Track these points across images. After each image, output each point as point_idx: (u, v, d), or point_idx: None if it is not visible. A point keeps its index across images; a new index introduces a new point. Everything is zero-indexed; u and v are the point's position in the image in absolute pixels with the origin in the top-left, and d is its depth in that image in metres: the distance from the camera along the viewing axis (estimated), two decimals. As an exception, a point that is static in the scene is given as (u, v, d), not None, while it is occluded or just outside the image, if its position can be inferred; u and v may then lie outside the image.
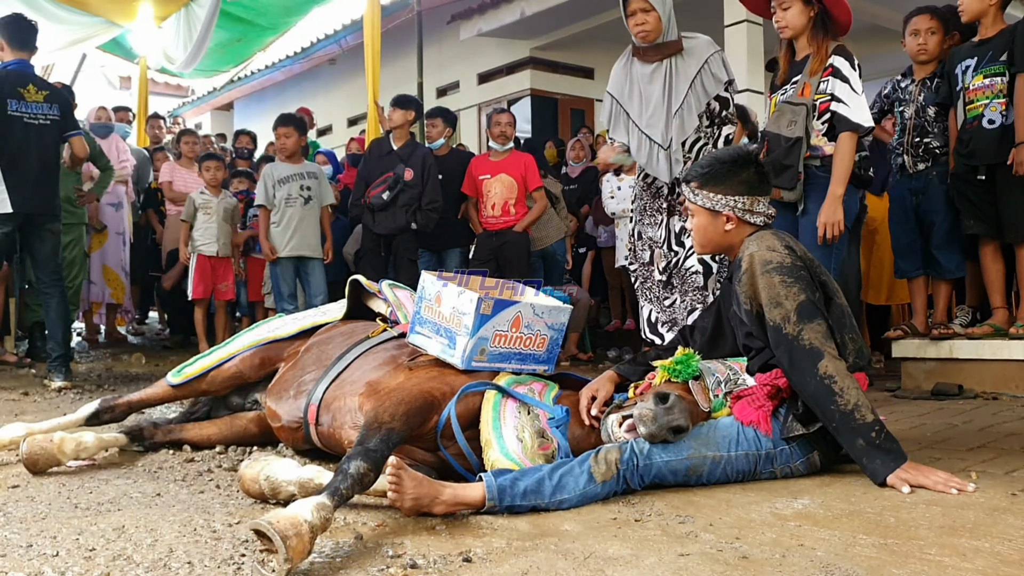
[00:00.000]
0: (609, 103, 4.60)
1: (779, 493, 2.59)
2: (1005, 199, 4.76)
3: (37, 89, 5.82)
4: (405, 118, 7.03)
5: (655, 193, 4.49)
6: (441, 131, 7.49)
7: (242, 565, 2.02)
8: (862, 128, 4.23)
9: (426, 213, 6.88)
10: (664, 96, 4.39)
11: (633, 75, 4.50)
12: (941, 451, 3.27)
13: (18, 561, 2.05)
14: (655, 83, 4.42)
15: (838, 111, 4.23)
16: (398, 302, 3.55)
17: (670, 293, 4.45)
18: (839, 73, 4.23)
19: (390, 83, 10.04)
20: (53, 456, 3.06)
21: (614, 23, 11.00)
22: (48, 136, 5.85)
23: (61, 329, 5.91)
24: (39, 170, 5.76)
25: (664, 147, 4.39)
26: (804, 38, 4.39)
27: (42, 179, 5.78)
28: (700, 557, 2.01)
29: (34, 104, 5.77)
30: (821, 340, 2.67)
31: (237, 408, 3.72)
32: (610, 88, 4.60)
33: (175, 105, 18.98)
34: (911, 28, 5.17)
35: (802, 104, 4.26)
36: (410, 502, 2.35)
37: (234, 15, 9.91)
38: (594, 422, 2.88)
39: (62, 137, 6.00)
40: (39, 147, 5.78)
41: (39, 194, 5.75)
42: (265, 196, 7.04)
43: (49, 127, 5.84)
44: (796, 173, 4.29)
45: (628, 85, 4.52)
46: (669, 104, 4.38)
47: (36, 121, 5.77)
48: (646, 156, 4.46)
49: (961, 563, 1.94)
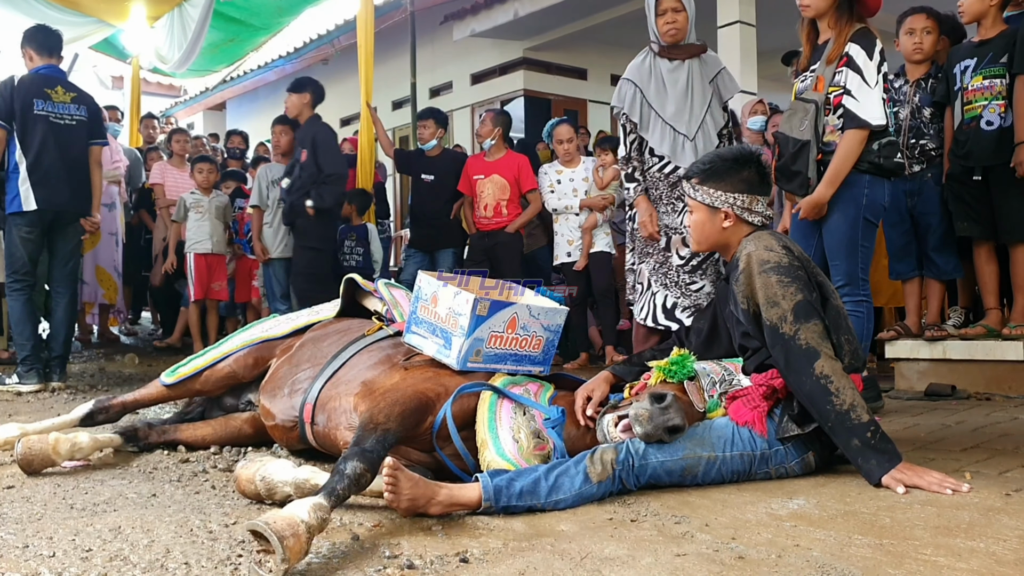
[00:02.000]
0: (631, 90, 4.62)
1: (774, 493, 2.60)
2: (1002, 200, 4.77)
3: (65, 91, 5.87)
4: (301, 102, 6.95)
5: (673, 183, 4.52)
6: (433, 132, 7.49)
7: (239, 566, 2.02)
8: (869, 125, 3.92)
9: (322, 188, 6.65)
10: (688, 90, 4.54)
11: (656, 71, 4.60)
12: (935, 452, 3.28)
13: (15, 562, 2.04)
14: (679, 79, 4.55)
15: (847, 105, 3.96)
16: (394, 301, 3.56)
17: (698, 279, 4.45)
18: (853, 63, 3.95)
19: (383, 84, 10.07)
20: (48, 457, 3.05)
21: (607, 24, 11.03)
22: (74, 135, 5.87)
23: (65, 330, 5.94)
24: (64, 168, 5.77)
25: (689, 138, 4.51)
26: (827, 19, 4.10)
27: (68, 177, 5.80)
28: (696, 557, 2.02)
29: (61, 104, 5.80)
30: (817, 340, 2.67)
31: (231, 409, 3.72)
32: (629, 75, 4.66)
33: (167, 105, 18.91)
34: (906, 27, 5.11)
35: (812, 102, 4.05)
36: (406, 503, 2.36)
37: (227, 15, 9.90)
38: (589, 423, 2.88)
39: (88, 141, 5.99)
40: (64, 146, 5.79)
41: (64, 192, 5.78)
42: (259, 196, 7.04)
43: (75, 127, 5.87)
44: (806, 179, 4.07)
45: (651, 80, 4.60)
46: (692, 98, 4.54)
47: (62, 121, 5.79)
48: (670, 146, 4.53)
49: (956, 563, 1.94)
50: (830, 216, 4.08)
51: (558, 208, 7.17)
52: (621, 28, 11.07)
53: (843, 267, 4.05)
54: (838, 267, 4.07)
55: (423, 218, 7.63)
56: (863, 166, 3.98)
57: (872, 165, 3.98)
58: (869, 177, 4.00)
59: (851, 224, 4.03)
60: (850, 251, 4.05)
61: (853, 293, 4.01)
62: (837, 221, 4.05)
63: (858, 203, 4.01)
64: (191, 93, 18.45)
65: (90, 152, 6.02)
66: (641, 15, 4.53)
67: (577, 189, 7.15)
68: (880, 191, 4.07)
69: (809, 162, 4.05)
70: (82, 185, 5.94)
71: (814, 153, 4.04)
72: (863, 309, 4.05)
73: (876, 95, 3.93)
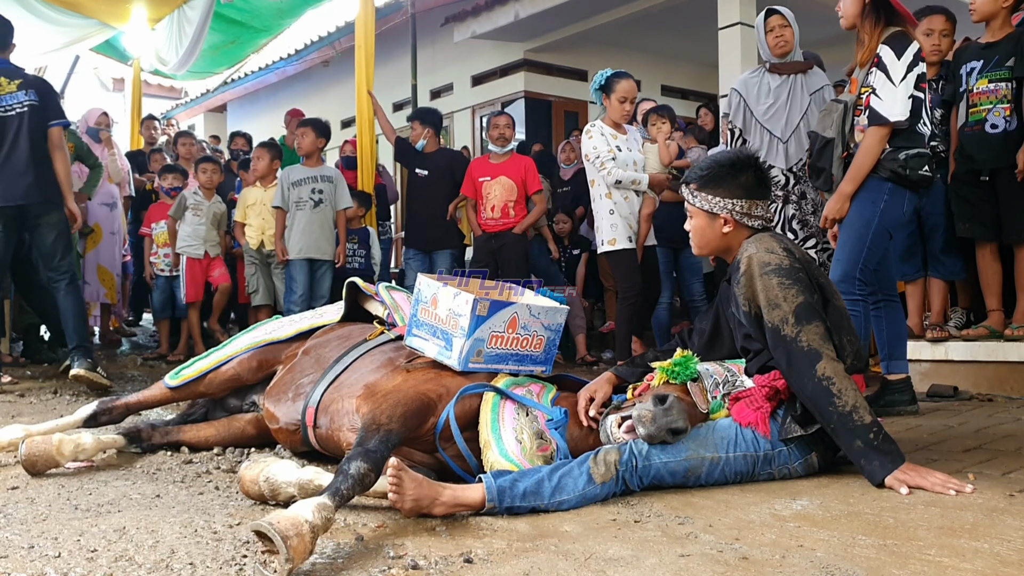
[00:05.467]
0: (735, 98, 5.11)
1: (778, 494, 2.60)
2: (1008, 201, 4.77)
3: (9, 80, 5.62)
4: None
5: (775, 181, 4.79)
6: (420, 133, 7.61)
7: (244, 566, 2.02)
8: (888, 122, 3.86)
9: None
10: (787, 99, 4.98)
11: (763, 83, 5.06)
12: (938, 452, 3.28)
13: (21, 562, 2.04)
14: (782, 89, 5.01)
15: (871, 103, 3.93)
16: (395, 304, 3.56)
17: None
18: (881, 63, 3.90)
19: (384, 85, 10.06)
20: (52, 457, 3.06)
21: (607, 26, 11.04)
22: (25, 124, 5.60)
23: (73, 319, 5.71)
24: (20, 160, 5.55)
25: (783, 140, 4.95)
26: (861, 27, 4.07)
27: (24, 169, 5.56)
28: (700, 558, 2.02)
29: (7, 96, 5.58)
30: (819, 342, 2.68)
31: (234, 410, 3.72)
32: (736, 86, 5.16)
33: (168, 107, 18.93)
34: (925, 27, 5.04)
35: (842, 102, 4.08)
36: (410, 503, 2.36)
37: (228, 17, 9.90)
38: (592, 423, 2.89)
39: (44, 124, 5.70)
40: (16, 137, 5.56)
41: (20, 184, 5.55)
42: (281, 198, 7.08)
43: (26, 114, 5.60)
44: (830, 176, 4.10)
45: (756, 89, 5.06)
46: (790, 105, 4.97)
47: (11, 111, 5.58)
48: (766, 148, 4.98)
49: (960, 564, 1.95)
50: (851, 212, 4.04)
51: (623, 180, 5.81)
52: (622, 30, 11.09)
53: (842, 266, 4.05)
54: (838, 263, 4.06)
55: (418, 216, 7.68)
56: (886, 174, 3.93)
57: (895, 174, 3.91)
58: (891, 186, 3.94)
59: (864, 225, 3.99)
60: (854, 251, 4.02)
61: (848, 292, 3.98)
62: (852, 218, 4.02)
63: (875, 207, 3.96)
64: (192, 95, 18.48)
65: (49, 136, 5.71)
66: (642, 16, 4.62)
67: (637, 161, 5.96)
68: (899, 201, 3.98)
69: (833, 159, 4.09)
70: (44, 174, 5.65)
71: (839, 151, 4.08)
72: (859, 309, 4.05)
73: (900, 93, 3.87)
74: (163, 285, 7.82)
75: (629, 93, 5.80)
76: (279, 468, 2.61)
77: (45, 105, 5.73)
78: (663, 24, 10.71)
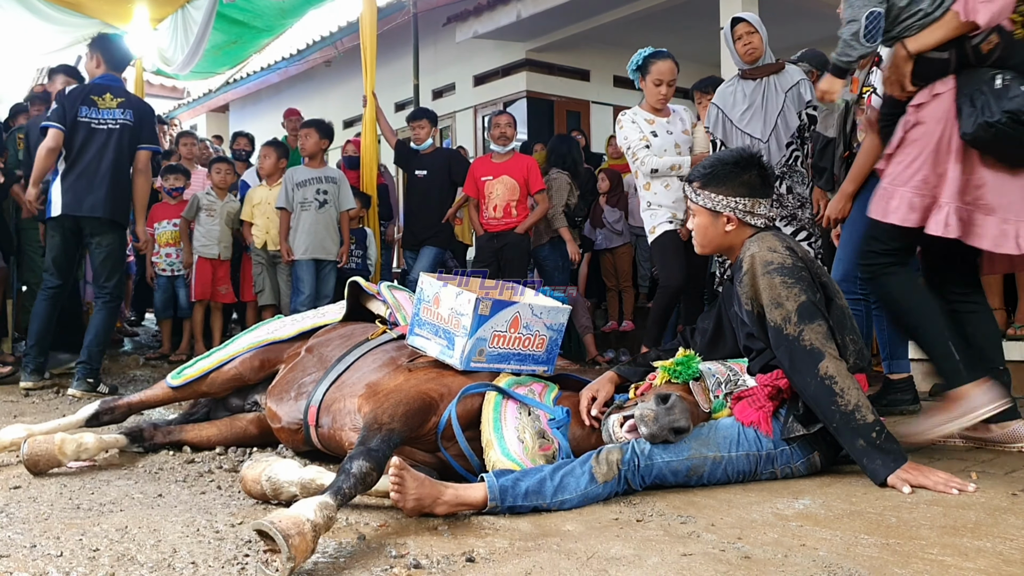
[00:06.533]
0: (714, 111, 5.15)
1: (780, 493, 2.60)
2: None
3: (112, 97, 5.73)
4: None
5: None
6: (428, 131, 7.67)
7: (246, 565, 2.02)
8: None
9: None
10: (763, 100, 4.99)
11: (738, 90, 5.08)
12: (940, 452, 3.28)
13: (23, 561, 2.05)
14: (756, 92, 5.02)
15: (872, 102, 3.99)
16: (397, 304, 3.56)
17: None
18: (881, 62, 3.87)
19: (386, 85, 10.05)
20: (54, 457, 3.06)
21: (610, 25, 11.03)
22: (114, 140, 5.67)
23: (92, 336, 5.69)
24: (96, 174, 5.60)
25: (763, 141, 4.92)
26: None
27: (99, 183, 5.59)
28: (703, 557, 2.02)
29: (106, 111, 5.66)
30: (822, 341, 2.68)
31: (236, 409, 3.73)
32: (715, 100, 5.21)
33: (171, 107, 18.94)
34: None
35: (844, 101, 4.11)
36: (412, 502, 2.36)
37: (230, 17, 9.89)
38: (594, 423, 2.89)
39: (134, 146, 5.77)
40: (100, 151, 5.62)
41: (89, 198, 5.56)
42: (285, 199, 7.08)
43: (117, 131, 5.68)
44: (832, 175, 4.13)
45: (732, 97, 5.09)
46: (766, 106, 4.97)
47: (104, 126, 5.64)
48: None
49: (963, 563, 1.94)
50: (852, 212, 4.07)
51: (661, 168, 5.30)
52: (624, 30, 11.07)
53: (844, 265, 4.04)
54: (840, 262, 4.05)
55: (414, 215, 7.71)
56: None
57: None
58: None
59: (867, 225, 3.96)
60: (856, 250, 3.98)
61: (850, 291, 3.98)
62: (854, 218, 4.03)
63: None
64: (194, 95, 18.48)
65: (136, 158, 5.79)
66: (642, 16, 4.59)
67: (679, 144, 5.44)
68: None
69: (835, 159, 4.14)
70: (116, 192, 5.67)
71: (840, 150, 4.12)
72: (861, 308, 4.06)
73: None
74: (165, 285, 7.82)
75: (665, 75, 5.33)
76: (281, 467, 2.61)
77: (139, 127, 5.81)
78: (665, 24, 10.70)
